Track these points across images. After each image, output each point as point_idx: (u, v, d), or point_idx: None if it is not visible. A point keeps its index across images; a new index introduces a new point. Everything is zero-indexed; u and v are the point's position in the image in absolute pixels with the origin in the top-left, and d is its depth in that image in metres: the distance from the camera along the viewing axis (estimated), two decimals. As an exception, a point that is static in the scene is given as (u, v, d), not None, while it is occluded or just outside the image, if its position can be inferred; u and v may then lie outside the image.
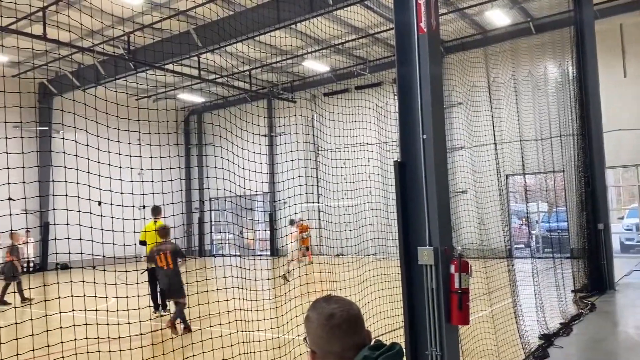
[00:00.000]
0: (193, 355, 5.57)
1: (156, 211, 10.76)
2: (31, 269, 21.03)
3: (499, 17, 18.04)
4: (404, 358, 1.76)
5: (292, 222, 17.35)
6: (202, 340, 5.80)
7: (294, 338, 6.88)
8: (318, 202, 21.63)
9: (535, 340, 7.01)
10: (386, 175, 8.78)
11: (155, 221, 10.74)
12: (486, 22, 18.77)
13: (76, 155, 5.45)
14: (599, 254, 10.82)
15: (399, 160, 4.75)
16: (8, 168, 4.79)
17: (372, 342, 1.78)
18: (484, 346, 6.51)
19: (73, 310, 4.89)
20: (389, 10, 16.90)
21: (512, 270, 7.52)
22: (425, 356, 4.45)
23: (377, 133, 10.60)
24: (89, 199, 5.33)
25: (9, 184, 4.85)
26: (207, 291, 6.24)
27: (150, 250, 9.36)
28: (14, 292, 12.60)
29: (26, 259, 20.90)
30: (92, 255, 5.08)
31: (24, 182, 5.30)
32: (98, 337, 5.06)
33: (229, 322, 6.46)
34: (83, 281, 4.99)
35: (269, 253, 26.45)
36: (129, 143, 6.49)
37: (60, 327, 4.83)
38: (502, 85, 13.84)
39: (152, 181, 6.43)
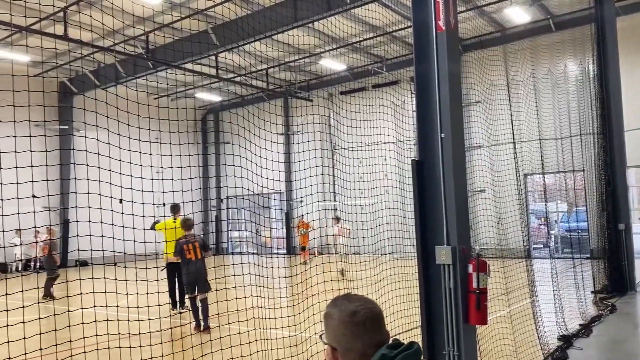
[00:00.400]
0: (212, 352, 5.63)
1: (175, 209, 10.85)
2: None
3: (518, 15, 17.84)
4: (422, 357, 1.76)
5: (337, 219, 17.24)
6: (220, 337, 5.86)
7: (311, 336, 6.91)
8: (334, 201, 21.64)
9: (554, 342, 6.94)
10: (403, 174, 8.73)
11: (175, 219, 10.82)
12: (505, 20, 18.58)
13: (97, 154, 5.54)
14: (619, 254, 10.67)
15: (416, 159, 4.73)
16: (32, 166, 4.88)
17: (391, 341, 1.79)
18: (501, 346, 6.47)
19: (94, 307, 4.97)
20: (407, 8, 16.87)
21: (530, 270, 7.45)
22: (443, 356, 4.44)
23: (394, 132, 10.57)
24: (110, 197, 5.41)
25: (32, 181, 4.94)
26: (225, 289, 6.29)
27: (176, 243, 9.38)
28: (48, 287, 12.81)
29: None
30: (113, 252, 5.15)
31: (47, 180, 5.40)
32: (119, 333, 5.14)
33: (247, 320, 6.51)
34: (104, 278, 5.06)
35: (285, 251, 26.55)
36: (149, 141, 6.57)
37: (82, 323, 4.92)
38: (521, 84, 13.69)
39: (172, 179, 6.51)
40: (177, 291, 10.65)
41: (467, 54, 18.12)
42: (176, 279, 10.67)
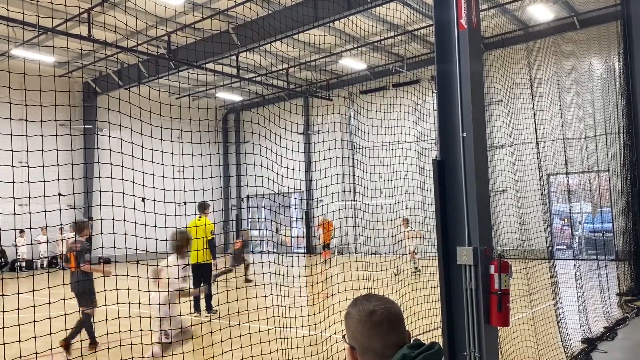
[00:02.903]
0: (231, 350, 5.66)
1: (202, 207, 10.55)
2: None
3: (541, 12, 17.58)
4: (443, 358, 1.75)
5: (407, 221, 16.85)
6: (240, 335, 5.90)
7: (331, 336, 6.91)
8: (354, 200, 21.61)
9: (578, 344, 6.83)
10: (424, 174, 8.68)
11: (200, 217, 10.61)
12: (528, 18, 18.33)
13: (120, 153, 5.62)
14: (645, 256, 10.45)
15: (437, 159, 4.70)
16: (58, 165, 4.98)
17: (412, 341, 1.78)
18: (523, 348, 6.39)
19: (117, 303, 5.04)
20: (428, 6, 16.76)
21: (553, 271, 7.34)
22: (464, 357, 4.41)
23: (415, 131, 10.51)
24: (133, 195, 5.48)
25: (58, 179, 5.03)
26: (246, 287, 6.32)
27: (236, 249, 9.25)
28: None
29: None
30: (136, 249, 5.22)
31: (72, 178, 5.50)
32: (141, 330, 5.21)
33: (267, 318, 6.54)
34: (127, 275, 5.14)
35: (305, 251, 26.60)
36: (171, 141, 6.64)
37: (106, 320, 5.00)
38: (544, 82, 13.51)
39: (193, 178, 6.57)
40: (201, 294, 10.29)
41: (489, 53, 17.93)
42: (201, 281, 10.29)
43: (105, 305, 5.09)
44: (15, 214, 5.30)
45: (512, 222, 10.00)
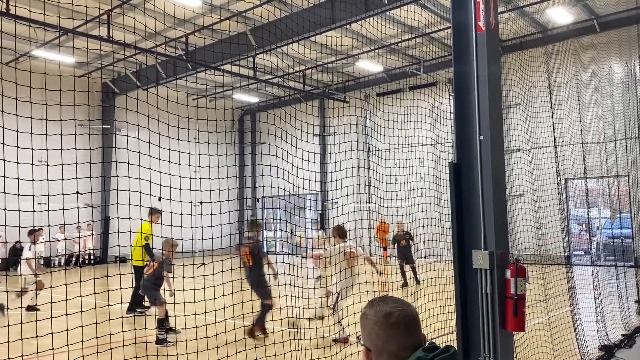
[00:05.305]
0: (245, 350, 5.68)
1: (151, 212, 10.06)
2: (92, 261, 22.08)
3: (560, 15, 17.39)
4: (458, 361, 1.74)
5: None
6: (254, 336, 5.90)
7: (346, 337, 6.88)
8: (369, 203, 21.54)
9: (595, 351, 6.74)
10: (440, 177, 8.64)
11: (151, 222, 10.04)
12: (547, 20, 18.14)
13: (138, 152, 5.67)
14: (666, 263, 10.27)
15: (454, 162, 4.67)
16: (76, 163, 5.04)
17: (427, 344, 1.78)
18: (539, 354, 6.32)
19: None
20: (445, 9, 16.67)
21: (570, 277, 7.25)
22: (478, 361, 4.36)
23: (432, 133, 10.46)
24: (150, 194, 5.53)
25: (77, 178, 5.10)
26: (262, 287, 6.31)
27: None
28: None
29: (87, 251, 21.96)
30: (152, 248, 5.26)
31: (90, 177, 5.56)
32: (157, 328, 5.24)
33: (280, 319, 6.55)
34: (143, 274, 5.18)
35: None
36: (187, 141, 6.69)
37: (121, 317, 5.05)
38: (563, 86, 13.35)
39: (209, 178, 6.61)
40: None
41: (507, 55, 17.78)
42: None
43: (121, 303, 5.12)
44: (34, 211, 5.38)
45: (529, 226, 9.91)
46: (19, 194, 5.00)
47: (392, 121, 9.93)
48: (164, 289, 8.35)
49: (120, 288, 5.60)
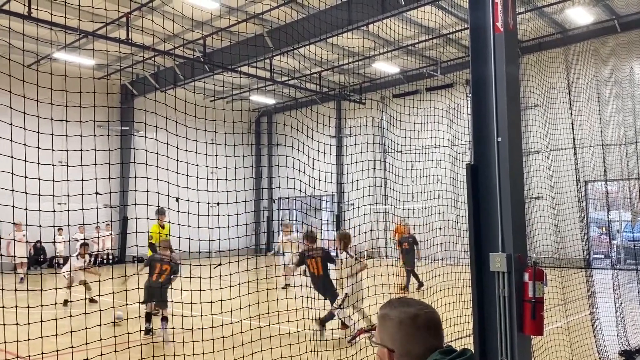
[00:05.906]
0: (261, 351, 5.70)
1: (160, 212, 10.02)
2: (110, 261, 22.34)
3: (580, 15, 17.16)
4: (475, 365, 1.73)
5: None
6: (270, 336, 5.93)
7: (362, 339, 6.88)
8: (385, 204, 21.49)
9: (615, 357, 6.63)
10: (457, 178, 8.58)
11: (162, 225, 10.10)
12: (566, 21, 17.92)
13: (156, 153, 5.73)
14: (688, 267, 10.06)
15: (471, 163, 4.63)
16: (96, 164, 5.11)
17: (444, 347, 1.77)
18: (558, 359, 6.24)
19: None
20: (463, 9, 16.56)
21: (590, 281, 7.14)
22: (496, 365, 4.32)
23: (449, 134, 10.39)
24: (167, 195, 5.58)
25: (96, 179, 5.17)
26: (276, 288, 6.35)
27: (301, 254, 9.38)
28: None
29: (105, 251, 22.21)
30: (170, 248, 5.30)
31: (109, 178, 5.63)
32: (173, 328, 5.29)
33: (297, 320, 6.56)
34: (160, 274, 5.23)
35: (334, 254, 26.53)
36: (205, 142, 6.74)
37: (139, 317, 5.10)
38: (582, 87, 13.18)
39: (226, 179, 6.65)
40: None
41: (526, 56, 17.61)
42: None
43: (139, 302, 5.16)
44: (54, 211, 5.46)
45: (548, 229, 9.79)
46: (39, 194, 5.09)
47: (409, 122, 9.88)
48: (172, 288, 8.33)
49: (138, 288, 5.65)
